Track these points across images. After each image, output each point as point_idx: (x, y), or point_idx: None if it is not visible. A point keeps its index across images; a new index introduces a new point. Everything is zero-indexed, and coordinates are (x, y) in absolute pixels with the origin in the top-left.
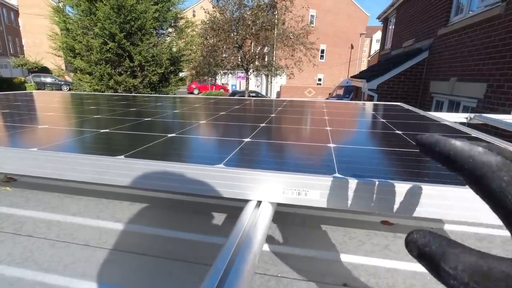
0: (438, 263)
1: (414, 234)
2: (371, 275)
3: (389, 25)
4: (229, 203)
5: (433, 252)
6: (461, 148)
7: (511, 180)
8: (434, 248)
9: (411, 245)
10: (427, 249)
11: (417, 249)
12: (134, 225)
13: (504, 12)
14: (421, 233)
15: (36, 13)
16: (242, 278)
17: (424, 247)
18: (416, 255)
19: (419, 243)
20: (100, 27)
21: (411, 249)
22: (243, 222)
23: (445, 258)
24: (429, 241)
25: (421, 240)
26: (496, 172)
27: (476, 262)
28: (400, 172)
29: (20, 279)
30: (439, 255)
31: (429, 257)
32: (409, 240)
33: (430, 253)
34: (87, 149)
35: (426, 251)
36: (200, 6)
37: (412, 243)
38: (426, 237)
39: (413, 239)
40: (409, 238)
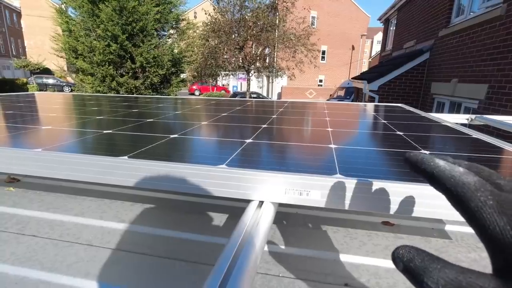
0: (421, 278)
1: (400, 250)
2: (372, 275)
3: (390, 27)
4: (231, 204)
5: (416, 267)
6: (443, 168)
7: (486, 200)
8: (417, 263)
9: (397, 260)
10: (411, 264)
11: (402, 264)
12: (137, 225)
13: (506, 13)
14: (407, 249)
15: (38, 15)
16: (244, 278)
17: (408, 262)
18: (401, 269)
19: (404, 259)
20: (103, 29)
21: (397, 264)
22: (245, 222)
23: (427, 273)
24: (413, 256)
25: (406, 255)
26: (474, 192)
27: (456, 277)
28: (401, 172)
29: (24, 278)
30: (422, 270)
31: (413, 272)
32: (395, 255)
33: (414, 268)
34: (90, 149)
35: (410, 266)
36: (201, 8)
37: (398, 258)
38: (410, 252)
39: (399, 254)
40: (396, 253)
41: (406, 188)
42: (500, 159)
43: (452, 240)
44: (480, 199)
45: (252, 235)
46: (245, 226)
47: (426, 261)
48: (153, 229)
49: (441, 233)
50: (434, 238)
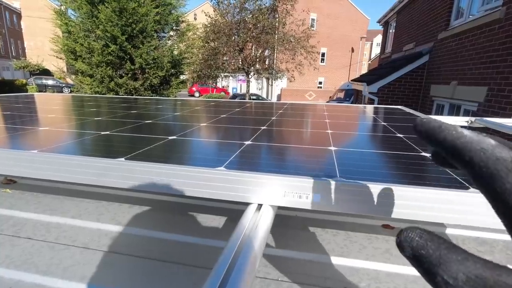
0: (435, 270)
1: (409, 232)
2: (372, 279)
3: (389, 29)
4: (230, 206)
5: (429, 255)
6: (470, 138)
7: None
8: (431, 251)
9: (404, 245)
10: (422, 251)
11: (411, 250)
12: (134, 228)
13: (505, 16)
14: (418, 232)
15: (38, 16)
16: (242, 281)
17: (419, 249)
18: (409, 256)
19: (414, 244)
20: (102, 30)
21: (404, 249)
22: (243, 225)
23: (444, 264)
24: (426, 242)
25: (417, 240)
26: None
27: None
28: (401, 175)
29: (19, 281)
30: (437, 260)
31: (425, 262)
32: (403, 238)
33: (426, 257)
34: (87, 151)
35: (421, 253)
36: (201, 10)
37: (406, 242)
38: (422, 237)
39: (408, 237)
40: (403, 235)
41: (406, 191)
42: None
43: None
44: None
45: (250, 238)
46: (243, 229)
47: (443, 250)
48: (151, 232)
49: (442, 236)
50: None
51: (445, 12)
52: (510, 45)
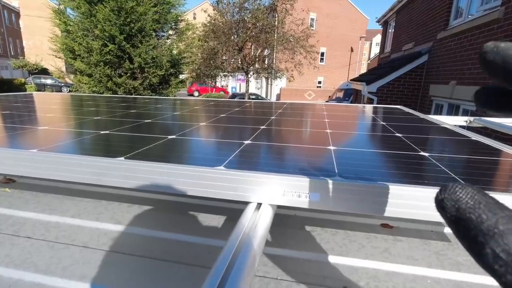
0: (485, 240)
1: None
2: (371, 278)
3: (388, 29)
4: (229, 205)
5: (482, 222)
6: None
7: None
8: (485, 217)
9: (447, 204)
10: (472, 216)
11: (455, 211)
12: (133, 227)
13: (503, 16)
14: (469, 191)
15: (37, 15)
16: (242, 280)
17: (468, 212)
18: (451, 218)
19: (462, 206)
20: (100, 29)
21: (446, 208)
22: (243, 225)
23: (500, 236)
24: (480, 205)
25: (466, 201)
26: None
27: None
28: (400, 175)
29: (19, 281)
30: (491, 228)
31: (474, 228)
32: (447, 195)
33: (477, 223)
34: (86, 150)
35: (470, 218)
36: (200, 9)
37: (452, 201)
38: (475, 198)
39: (455, 196)
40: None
41: (405, 190)
42: (499, 161)
43: (452, 243)
44: None
45: (250, 237)
46: (243, 228)
47: (501, 218)
48: (150, 231)
49: (440, 236)
50: (433, 241)
51: (444, 12)
52: None
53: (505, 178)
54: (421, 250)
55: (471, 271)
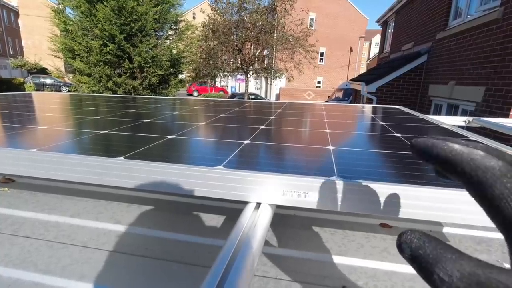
0: (432, 269)
1: (408, 235)
2: (370, 278)
3: (388, 29)
4: (229, 205)
5: (427, 255)
6: (460, 151)
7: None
8: (428, 251)
9: (403, 246)
10: (421, 252)
11: (410, 251)
12: (133, 226)
13: (502, 17)
14: (416, 234)
15: (36, 15)
16: (241, 280)
17: (418, 249)
18: (408, 257)
19: (413, 245)
20: (100, 29)
21: (404, 250)
22: (242, 224)
23: (440, 263)
24: (424, 243)
25: (416, 242)
26: (500, 178)
27: (474, 271)
28: (399, 174)
29: (18, 280)
30: (434, 259)
31: (422, 261)
32: (402, 240)
33: (423, 257)
34: (86, 150)
35: (419, 254)
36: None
37: (406, 244)
38: (421, 239)
39: (407, 239)
40: (403, 238)
41: (404, 190)
42: None
43: (450, 243)
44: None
45: (249, 237)
46: (242, 228)
47: (439, 250)
48: (150, 230)
49: (439, 236)
50: None
51: (443, 12)
52: (508, 45)
53: None
54: None
55: None
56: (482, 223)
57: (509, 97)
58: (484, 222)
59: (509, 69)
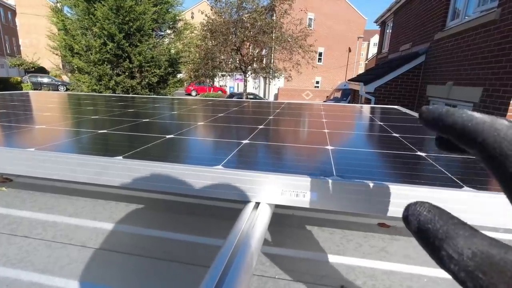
0: (440, 244)
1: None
2: (368, 277)
3: (386, 29)
4: (227, 205)
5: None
6: (481, 120)
7: None
8: (438, 226)
9: (410, 219)
10: (429, 226)
11: (417, 223)
12: (131, 226)
13: (500, 18)
14: (426, 206)
15: (33, 13)
16: (240, 279)
17: (426, 222)
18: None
19: (421, 218)
20: (99, 28)
21: (410, 222)
22: (241, 224)
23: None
24: (434, 216)
25: (425, 215)
26: None
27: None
28: (397, 174)
29: (16, 280)
30: (444, 234)
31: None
32: (410, 212)
33: (433, 231)
34: (84, 149)
35: (428, 227)
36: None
37: (413, 216)
38: (431, 212)
39: (415, 211)
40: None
41: (402, 190)
42: None
43: None
44: None
45: (248, 236)
46: (241, 227)
47: (451, 225)
48: (148, 230)
49: None
50: None
51: (441, 12)
52: (505, 46)
53: None
54: (418, 249)
55: None
56: (480, 222)
57: (507, 97)
58: (483, 222)
59: (506, 70)
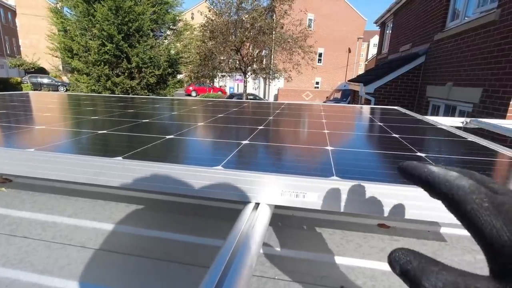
0: (419, 281)
1: (396, 253)
2: (368, 278)
3: (386, 30)
4: (227, 205)
5: (414, 269)
6: (437, 173)
7: (482, 203)
8: (415, 266)
9: (393, 263)
10: (408, 267)
11: (399, 267)
12: (131, 227)
13: (499, 18)
14: (403, 252)
15: (33, 14)
16: (239, 280)
17: (405, 265)
18: (398, 273)
19: (401, 262)
20: (98, 28)
21: (394, 267)
22: (241, 224)
23: (425, 275)
24: (411, 259)
25: (403, 258)
26: (469, 194)
27: (455, 280)
28: (397, 175)
29: (15, 280)
30: (420, 272)
31: (410, 275)
32: (392, 258)
33: (411, 271)
34: (84, 150)
35: (407, 269)
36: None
37: (395, 261)
38: (408, 255)
39: (396, 257)
40: (392, 256)
41: (402, 190)
42: (495, 162)
43: (448, 243)
44: (475, 201)
45: (248, 237)
46: (241, 228)
47: (424, 264)
48: (148, 230)
49: (437, 236)
50: (429, 241)
51: (441, 13)
52: (505, 47)
53: (501, 179)
54: (417, 249)
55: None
56: None
57: (506, 98)
58: None
59: (505, 71)
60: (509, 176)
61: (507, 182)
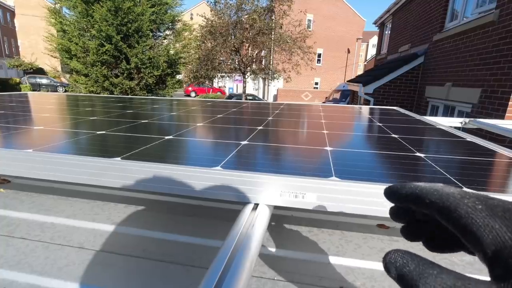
0: (416, 285)
1: (392, 254)
2: (367, 278)
3: (385, 30)
4: (226, 206)
5: (411, 273)
6: (423, 186)
7: (475, 205)
8: (412, 269)
9: (389, 266)
10: (405, 270)
11: (395, 270)
12: (129, 227)
13: (498, 19)
14: (399, 253)
15: (32, 14)
16: (238, 281)
17: (402, 268)
18: (394, 276)
19: (397, 264)
20: (97, 29)
21: (389, 269)
22: (240, 225)
23: (422, 279)
24: (407, 261)
25: (399, 260)
26: (460, 199)
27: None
28: (396, 175)
29: (13, 282)
30: (417, 275)
31: (407, 278)
32: (387, 260)
33: (408, 274)
34: (83, 151)
35: (404, 272)
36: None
37: (390, 263)
38: (404, 257)
39: (392, 259)
40: (388, 258)
41: None
42: (494, 162)
43: None
44: (468, 205)
45: (247, 237)
46: (240, 228)
47: (421, 266)
48: (147, 231)
49: None
50: None
51: (440, 14)
52: (503, 47)
53: (500, 179)
54: (417, 250)
55: (466, 271)
56: None
57: (505, 98)
58: None
59: (504, 71)
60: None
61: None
